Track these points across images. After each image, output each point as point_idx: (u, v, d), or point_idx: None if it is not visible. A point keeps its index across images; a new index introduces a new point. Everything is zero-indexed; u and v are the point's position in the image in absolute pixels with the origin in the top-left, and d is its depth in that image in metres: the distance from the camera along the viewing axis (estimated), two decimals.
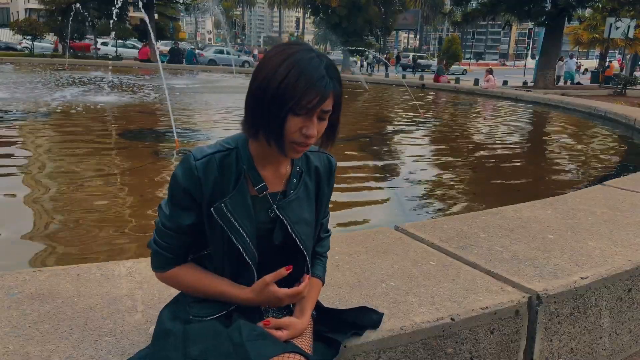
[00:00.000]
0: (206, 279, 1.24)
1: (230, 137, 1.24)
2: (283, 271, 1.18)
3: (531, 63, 33.86)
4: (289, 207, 1.23)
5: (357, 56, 29.44)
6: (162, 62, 21.59)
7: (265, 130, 1.11)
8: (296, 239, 1.23)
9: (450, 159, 6.75)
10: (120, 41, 33.79)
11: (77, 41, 32.17)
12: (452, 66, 39.38)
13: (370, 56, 30.93)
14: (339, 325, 1.41)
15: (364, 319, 1.47)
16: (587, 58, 62.62)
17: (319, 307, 1.42)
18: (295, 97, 1.06)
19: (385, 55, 30.31)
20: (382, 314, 1.54)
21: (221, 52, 36.23)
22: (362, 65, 30.34)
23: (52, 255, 3.04)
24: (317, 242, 1.38)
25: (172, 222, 1.21)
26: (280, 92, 1.07)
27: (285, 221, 1.22)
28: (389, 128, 9.70)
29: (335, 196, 4.16)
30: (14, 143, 6.30)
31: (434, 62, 40.62)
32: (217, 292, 1.23)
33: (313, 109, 1.08)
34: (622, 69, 27.33)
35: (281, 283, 1.23)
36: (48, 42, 34.35)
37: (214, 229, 1.19)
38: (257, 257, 1.21)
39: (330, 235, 1.44)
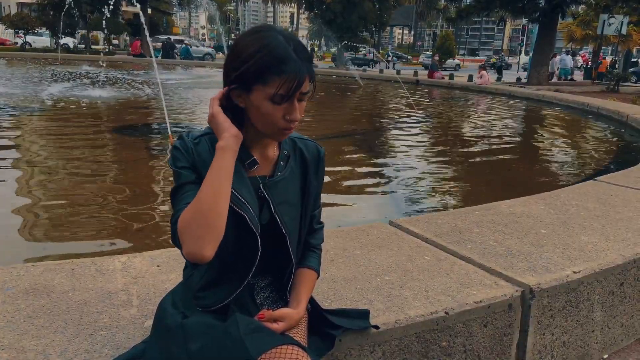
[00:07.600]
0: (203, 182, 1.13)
1: None
2: None
3: (524, 59, 33.87)
4: (275, 187, 1.25)
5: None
6: (156, 57, 21.45)
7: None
8: (278, 219, 1.24)
9: (444, 154, 6.78)
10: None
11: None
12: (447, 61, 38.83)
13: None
14: (332, 323, 1.41)
15: (353, 324, 1.45)
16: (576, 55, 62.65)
17: (313, 304, 1.41)
18: (273, 89, 1.09)
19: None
20: (367, 312, 1.51)
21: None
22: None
23: (46, 249, 3.03)
24: (311, 233, 1.39)
25: (181, 189, 1.16)
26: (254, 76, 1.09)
27: (269, 200, 1.23)
28: (383, 124, 9.70)
29: (330, 191, 4.22)
30: (7, 137, 6.25)
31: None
32: (214, 172, 1.10)
33: (292, 96, 1.11)
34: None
35: (266, 272, 1.30)
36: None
37: None
38: (259, 227, 1.20)
39: (323, 226, 1.44)
